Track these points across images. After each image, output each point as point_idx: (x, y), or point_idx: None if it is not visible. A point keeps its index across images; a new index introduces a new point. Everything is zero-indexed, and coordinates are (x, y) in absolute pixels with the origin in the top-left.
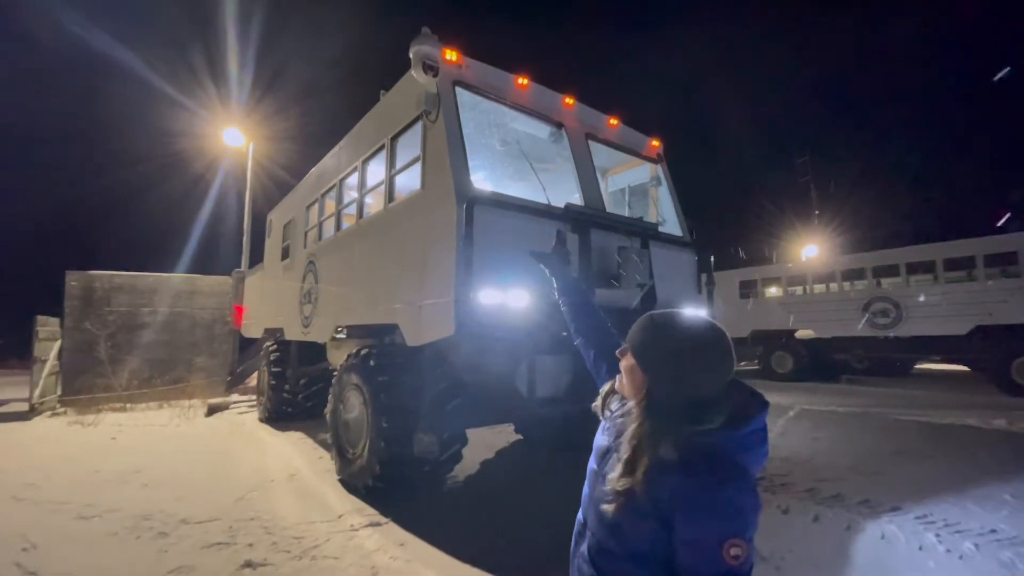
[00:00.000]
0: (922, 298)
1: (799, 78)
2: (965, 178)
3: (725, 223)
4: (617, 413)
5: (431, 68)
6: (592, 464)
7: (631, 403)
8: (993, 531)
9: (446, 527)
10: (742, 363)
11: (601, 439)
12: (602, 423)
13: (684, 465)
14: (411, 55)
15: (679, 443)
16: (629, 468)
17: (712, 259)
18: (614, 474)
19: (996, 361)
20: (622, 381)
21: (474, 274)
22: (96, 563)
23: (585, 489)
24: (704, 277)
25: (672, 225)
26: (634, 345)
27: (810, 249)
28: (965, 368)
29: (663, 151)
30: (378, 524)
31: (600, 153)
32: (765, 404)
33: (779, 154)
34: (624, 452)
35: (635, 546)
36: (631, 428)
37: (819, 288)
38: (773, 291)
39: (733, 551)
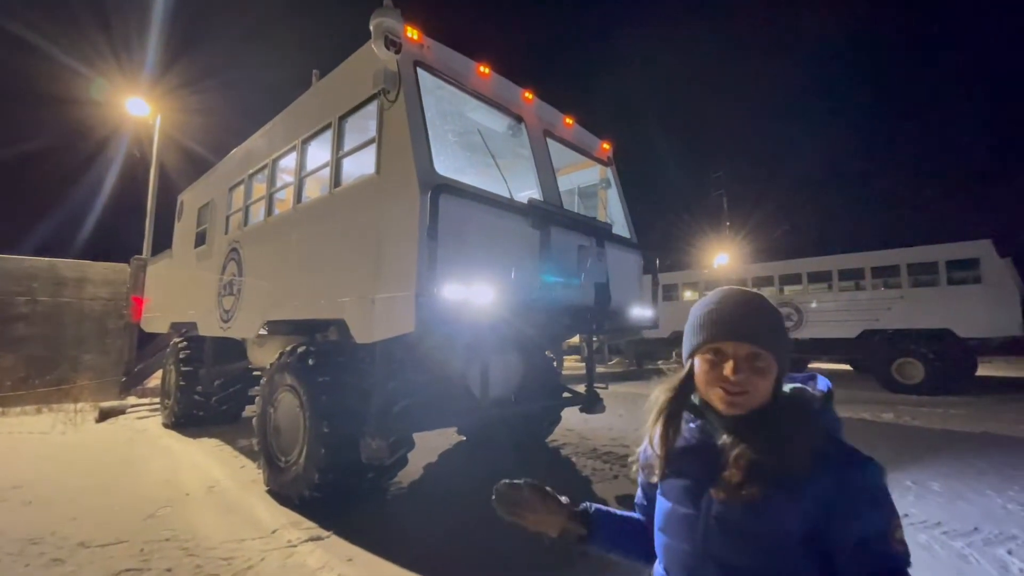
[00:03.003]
0: (819, 304)
1: (715, 96)
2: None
3: (649, 230)
4: (692, 437)
5: (393, 44)
6: (677, 510)
7: (734, 410)
8: (906, 515)
9: (395, 538)
10: (659, 362)
11: (676, 477)
12: (651, 454)
13: (824, 458)
14: (372, 27)
15: (808, 435)
16: (763, 486)
17: (658, 261)
18: (741, 506)
19: (879, 361)
20: (739, 398)
21: (438, 267)
22: None
23: (680, 547)
24: (651, 278)
25: (620, 227)
26: (768, 335)
27: (721, 257)
28: (848, 367)
29: (612, 154)
30: (319, 538)
31: (553, 151)
32: (813, 373)
33: (696, 168)
34: (745, 472)
35: None
36: (747, 439)
37: None
38: (689, 295)
39: (898, 535)
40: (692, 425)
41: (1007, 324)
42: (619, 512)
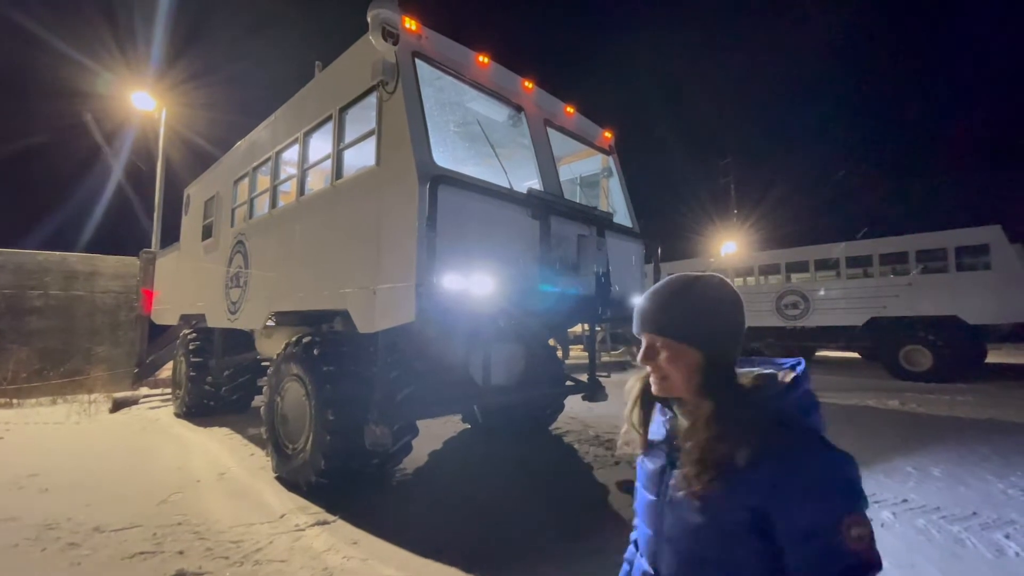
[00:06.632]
0: (827, 292)
1: (722, 85)
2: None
3: (653, 219)
4: (660, 427)
5: (391, 35)
6: (645, 497)
7: (679, 401)
8: (905, 500)
9: (400, 522)
10: None
11: (648, 463)
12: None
13: (768, 445)
14: (369, 19)
15: (750, 422)
16: (709, 477)
17: (659, 251)
18: (691, 496)
19: (887, 349)
20: (661, 383)
21: (437, 257)
22: None
23: (646, 531)
24: (652, 268)
25: (622, 216)
26: (673, 324)
27: (729, 245)
28: (857, 355)
29: (615, 143)
30: (326, 523)
31: (554, 141)
32: (799, 359)
33: (703, 156)
34: (693, 462)
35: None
36: (692, 428)
37: (739, 281)
38: None
39: (855, 532)
40: (661, 418)
41: (1017, 310)
42: None
